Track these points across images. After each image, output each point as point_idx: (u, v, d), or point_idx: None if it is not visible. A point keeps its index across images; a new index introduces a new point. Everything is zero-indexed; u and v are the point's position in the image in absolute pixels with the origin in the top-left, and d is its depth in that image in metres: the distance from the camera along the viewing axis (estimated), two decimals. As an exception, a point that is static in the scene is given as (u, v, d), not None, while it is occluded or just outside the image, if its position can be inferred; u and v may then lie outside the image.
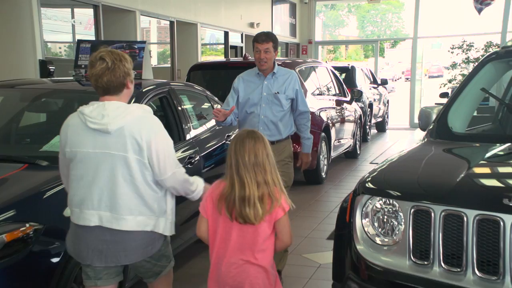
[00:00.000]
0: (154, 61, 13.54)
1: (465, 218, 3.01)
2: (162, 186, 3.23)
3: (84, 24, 9.92)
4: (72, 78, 5.82)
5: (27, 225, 3.40)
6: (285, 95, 5.12)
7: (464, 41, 17.10)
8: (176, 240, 4.64)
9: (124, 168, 3.08)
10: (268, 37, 5.14)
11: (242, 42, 16.04)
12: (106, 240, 3.12)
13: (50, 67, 6.01)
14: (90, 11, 9.73)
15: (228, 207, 3.02)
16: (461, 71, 17.37)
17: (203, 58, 14.00)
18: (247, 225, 3.02)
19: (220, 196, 3.06)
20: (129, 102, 3.67)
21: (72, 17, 9.77)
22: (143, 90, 5.05)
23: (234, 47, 15.95)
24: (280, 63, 9.39)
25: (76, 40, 7.81)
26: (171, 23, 12.38)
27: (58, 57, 9.88)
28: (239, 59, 10.88)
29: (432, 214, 3.11)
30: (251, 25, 16.19)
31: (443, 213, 3.07)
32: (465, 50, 17.01)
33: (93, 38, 9.58)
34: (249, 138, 3.07)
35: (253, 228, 3.04)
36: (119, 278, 3.34)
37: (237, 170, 3.03)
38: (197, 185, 3.43)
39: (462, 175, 3.34)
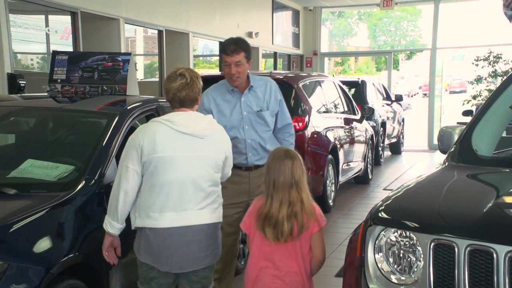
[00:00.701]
0: (140, 75, 13.55)
1: (494, 255, 2.96)
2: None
3: (60, 33, 9.91)
4: (46, 94, 5.80)
5: (-10, 263, 3.35)
6: (269, 111, 4.94)
7: (491, 52, 17.13)
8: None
9: (211, 168, 3.86)
10: (238, 46, 4.75)
11: (239, 53, 16.05)
12: (188, 240, 3.75)
13: (20, 82, 6.01)
14: (67, 18, 9.73)
15: (264, 225, 3.62)
16: (487, 86, 17.39)
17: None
18: (287, 241, 3.62)
19: (259, 214, 3.66)
20: (113, 119, 4.73)
21: (46, 25, 9.75)
22: (128, 108, 5.03)
23: (230, 59, 15.96)
24: (282, 77, 9.41)
25: (51, 51, 7.79)
26: (160, 32, 12.41)
27: (29, 70, 9.88)
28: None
29: (456, 250, 3.07)
30: (249, 34, 16.24)
31: (468, 249, 3.03)
32: (491, 62, 17.03)
33: (70, 49, 9.57)
34: (287, 159, 3.65)
35: (292, 243, 3.64)
36: None
37: (274, 190, 3.62)
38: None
39: (490, 204, 3.31)
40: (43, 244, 3.69)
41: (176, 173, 3.73)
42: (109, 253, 3.88)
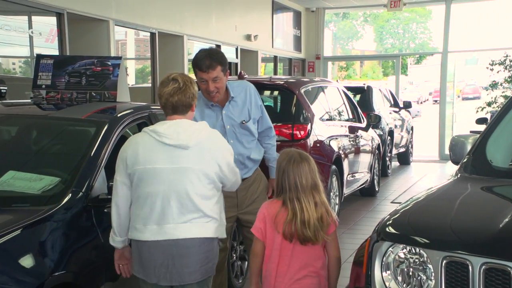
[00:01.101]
0: (131, 80, 13.55)
1: None
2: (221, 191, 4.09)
3: (45, 35, 9.91)
4: (29, 100, 5.78)
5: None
6: (252, 119, 4.93)
7: (507, 56, 17.11)
8: None
9: (199, 180, 3.84)
10: (213, 60, 4.59)
11: (237, 57, 16.11)
12: (173, 254, 3.79)
13: (1, 87, 5.98)
14: (53, 20, 9.73)
15: (287, 230, 3.72)
16: (503, 92, 17.39)
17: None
18: (306, 243, 3.75)
19: (278, 219, 3.77)
20: (102, 128, 4.76)
21: (30, 26, 9.76)
22: (118, 115, 5.03)
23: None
24: (282, 82, 9.41)
25: (35, 54, 7.80)
26: (152, 35, 12.42)
27: (11, 75, 9.88)
28: (234, 77, 10.87)
29: (470, 268, 3.06)
30: (248, 37, 16.27)
31: (483, 267, 3.02)
32: (508, 67, 17.02)
33: (56, 52, 9.57)
34: (303, 161, 3.81)
35: (315, 245, 3.77)
36: None
37: (297, 195, 3.76)
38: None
39: (506, 219, 3.30)
40: (25, 263, 3.65)
41: (158, 186, 3.80)
42: (123, 266, 4.04)
